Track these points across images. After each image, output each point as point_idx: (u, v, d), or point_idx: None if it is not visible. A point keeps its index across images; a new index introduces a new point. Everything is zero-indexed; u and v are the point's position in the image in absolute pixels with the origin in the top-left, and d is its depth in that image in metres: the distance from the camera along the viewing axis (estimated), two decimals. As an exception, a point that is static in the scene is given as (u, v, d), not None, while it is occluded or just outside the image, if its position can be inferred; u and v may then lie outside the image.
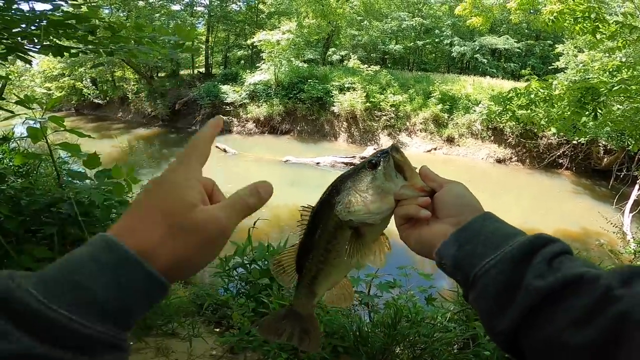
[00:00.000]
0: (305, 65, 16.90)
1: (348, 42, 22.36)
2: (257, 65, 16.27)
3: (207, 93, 16.14)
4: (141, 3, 16.51)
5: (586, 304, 0.37)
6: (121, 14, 17.19)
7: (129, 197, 2.80)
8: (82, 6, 2.33)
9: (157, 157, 12.57)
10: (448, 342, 2.23)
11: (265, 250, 2.66)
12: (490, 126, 13.17)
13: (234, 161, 11.99)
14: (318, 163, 11.01)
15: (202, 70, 20.23)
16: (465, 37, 21.09)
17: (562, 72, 10.78)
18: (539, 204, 9.96)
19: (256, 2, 19.15)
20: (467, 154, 13.57)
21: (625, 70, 4.18)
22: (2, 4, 2.15)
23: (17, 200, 2.43)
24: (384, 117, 14.37)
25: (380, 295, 2.39)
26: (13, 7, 2.14)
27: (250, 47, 18.47)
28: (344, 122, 14.74)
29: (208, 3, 19.11)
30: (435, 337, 2.19)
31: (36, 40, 2.32)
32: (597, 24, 3.71)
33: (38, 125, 2.56)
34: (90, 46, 2.41)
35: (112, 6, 16.76)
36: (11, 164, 3.29)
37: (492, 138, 13.41)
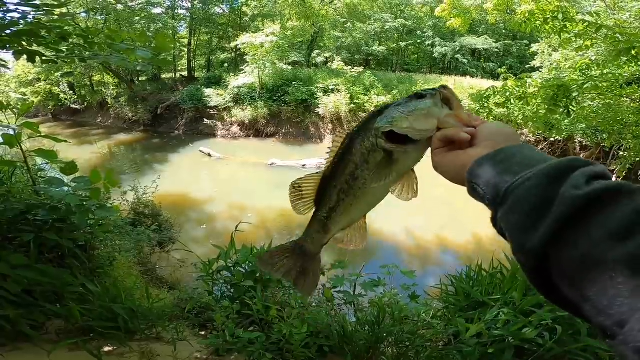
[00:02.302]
0: (290, 67, 16.90)
1: (332, 44, 22.49)
2: (241, 68, 16.16)
3: (190, 97, 15.94)
4: (120, 7, 16.15)
5: (626, 216, 0.34)
6: (99, 17, 16.77)
7: (109, 200, 2.75)
8: (54, 12, 2.28)
9: (139, 163, 12.31)
10: (431, 338, 2.27)
11: (249, 253, 2.65)
12: (470, 125, 13.44)
13: (219, 165, 11.88)
14: (304, 165, 11.01)
15: (185, 73, 19.98)
16: (446, 38, 21.52)
17: (538, 71, 11.11)
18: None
19: (240, 4, 19.02)
20: (449, 153, 13.80)
21: (595, 68, 4.36)
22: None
23: None
24: None
25: (365, 294, 2.40)
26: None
27: (234, 50, 18.33)
28: (329, 124, 14.81)
29: (190, 6, 18.87)
30: (418, 334, 2.22)
31: (8, 47, 2.27)
32: (565, 23, 3.85)
33: (12, 132, 2.50)
34: (62, 53, 2.37)
35: (90, 10, 16.35)
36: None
37: (473, 136, 13.68)
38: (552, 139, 11.87)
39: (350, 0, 20.32)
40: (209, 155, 12.36)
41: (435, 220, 7.98)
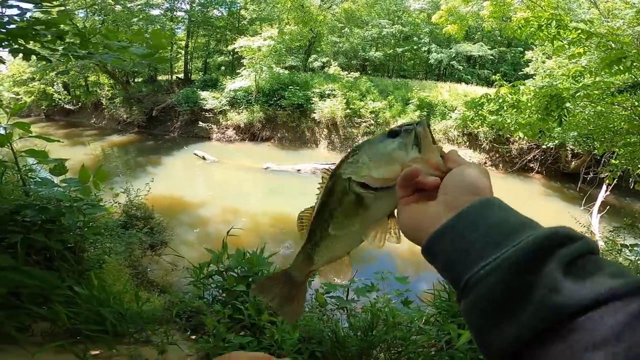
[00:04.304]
0: (286, 71, 16.93)
1: (329, 48, 22.61)
2: (238, 71, 16.17)
3: (185, 99, 15.90)
4: (118, 7, 16.11)
5: (614, 325, 0.29)
6: (97, 18, 16.71)
7: (100, 202, 2.74)
8: (51, 11, 2.26)
9: (132, 165, 12.20)
10: (424, 344, 2.26)
11: (241, 257, 2.63)
12: (465, 132, 13.56)
13: (214, 169, 11.82)
14: (299, 170, 11.00)
15: (181, 75, 19.94)
16: (442, 45, 21.75)
17: (532, 78, 11.25)
18: (512, 207, 10.28)
19: (238, 8, 19.07)
20: (443, 159, 13.88)
21: (588, 75, 4.41)
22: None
23: None
24: (364, 124, 14.53)
25: (358, 299, 2.39)
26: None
27: (231, 53, 18.37)
28: (325, 129, 14.83)
29: (189, 8, 18.89)
30: (411, 340, 2.21)
31: (4, 44, 2.25)
32: (558, 30, 3.91)
33: (3, 131, 2.47)
34: (58, 52, 2.35)
35: (87, 10, 16.29)
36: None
37: (467, 143, 13.80)
38: (544, 146, 11.99)
39: (348, 5, 20.47)
40: (204, 158, 12.31)
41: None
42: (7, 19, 2.16)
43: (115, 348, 2.41)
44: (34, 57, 2.35)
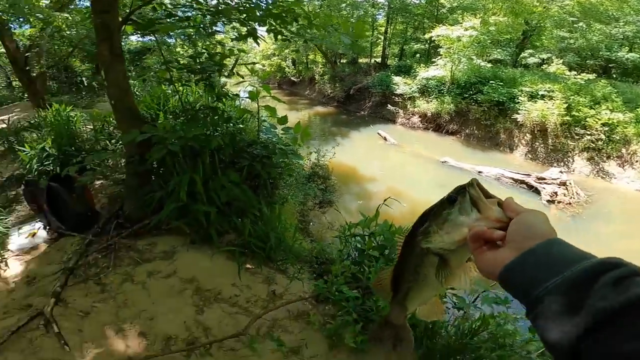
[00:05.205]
0: (489, 65, 15.20)
1: (553, 44, 18.64)
2: (433, 60, 15.71)
3: (379, 82, 16.88)
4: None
5: None
6: (316, 2, 19.54)
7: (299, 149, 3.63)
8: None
9: (326, 132, 14.21)
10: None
11: (387, 227, 2.80)
12: None
13: (392, 151, 12.27)
14: (480, 172, 9.99)
15: (379, 60, 21.11)
16: None
17: None
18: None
19: (437, -4, 18.24)
20: None
21: None
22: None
23: (233, 136, 3.43)
24: (588, 137, 11.30)
25: (479, 307, 2.22)
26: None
27: (427, 41, 17.92)
28: (527, 134, 12.60)
29: (390, -5, 19.49)
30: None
31: (260, 24, 3.13)
32: None
33: (253, 89, 3.49)
34: (293, 33, 3.11)
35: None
36: (233, 113, 4.50)
37: None
38: None
39: (585, -2, 16.07)
40: (385, 139, 12.91)
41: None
42: (264, 5, 2.98)
43: (261, 267, 3.11)
44: (280, 37, 3.16)
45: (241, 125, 4.08)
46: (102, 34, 2.96)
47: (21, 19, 7.62)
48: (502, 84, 13.43)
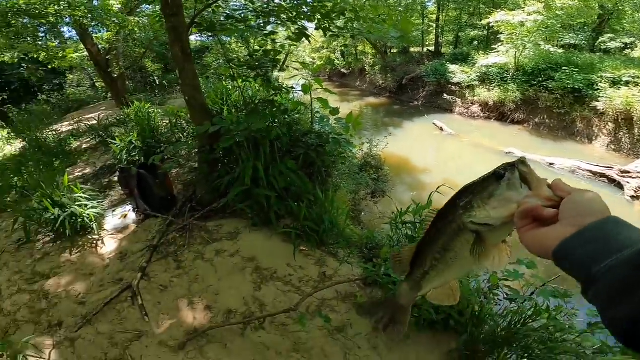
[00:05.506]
0: (561, 50, 13.73)
1: (637, 28, 16.26)
2: (493, 47, 14.60)
3: (433, 71, 16.17)
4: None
5: None
6: None
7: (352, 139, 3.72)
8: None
9: (379, 123, 14.08)
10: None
11: (438, 214, 2.79)
12: None
13: (449, 141, 11.78)
14: (552, 164, 9.17)
15: (432, 48, 20.21)
16: None
17: None
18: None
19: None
20: None
21: None
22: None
23: (289, 127, 3.65)
24: None
25: (534, 299, 2.14)
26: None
27: (486, 27, 16.66)
28: (610, 123, 11.20)
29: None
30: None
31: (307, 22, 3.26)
32: None
33: (307, 83, 3.66)
34: (341, 28, 3.21)
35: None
36: (288, 105, 4.74)
37: None
38: None
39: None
40: (441, 129, 12.43)
41: None
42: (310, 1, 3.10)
43: (314, 249, 3.26)
44: (328, 33, 3.27)
45: (297, 116, 4.30)
46: (174, 35, 3.29)
47: (99, 24, 8.47)
48: (577, 70, 12.12)
